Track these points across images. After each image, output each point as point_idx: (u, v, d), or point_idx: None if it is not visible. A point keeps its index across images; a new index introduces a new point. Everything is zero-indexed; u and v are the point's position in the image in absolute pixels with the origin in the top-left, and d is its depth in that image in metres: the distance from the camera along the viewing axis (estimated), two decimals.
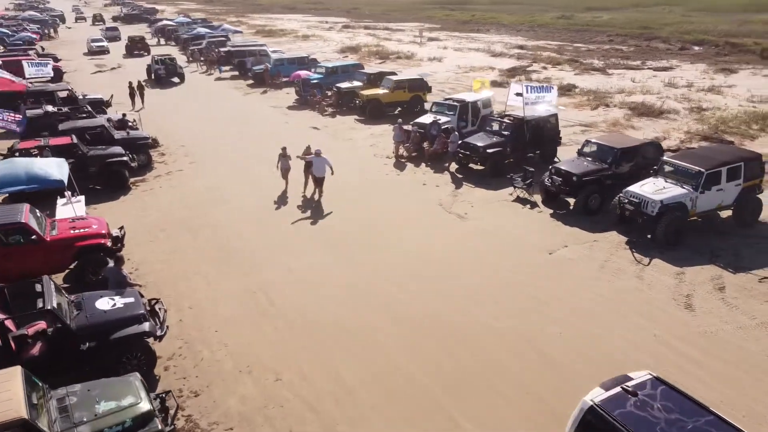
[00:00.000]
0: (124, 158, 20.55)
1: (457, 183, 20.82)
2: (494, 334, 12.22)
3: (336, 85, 32.59)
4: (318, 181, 19.26)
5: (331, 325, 12.64)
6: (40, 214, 14.28)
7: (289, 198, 19.58)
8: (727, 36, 55.72)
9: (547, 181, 18.48)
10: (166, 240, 16.74)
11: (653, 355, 11.42)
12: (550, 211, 18.24)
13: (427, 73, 33.71)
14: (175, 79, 42.16)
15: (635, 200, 16.04)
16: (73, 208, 15.46)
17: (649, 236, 15.99)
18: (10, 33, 59.99)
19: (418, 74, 32.81)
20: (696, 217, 16.31)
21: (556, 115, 22.81)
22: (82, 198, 16.89)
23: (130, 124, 25.23)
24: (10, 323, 10.13)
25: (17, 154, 18.79)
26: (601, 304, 13.18)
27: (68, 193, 15.87)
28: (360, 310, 13.18)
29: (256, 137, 27.01)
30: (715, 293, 13.47)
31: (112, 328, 10.58)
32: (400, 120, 24.41)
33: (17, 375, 8.35)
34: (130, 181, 20.85)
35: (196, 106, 33.93)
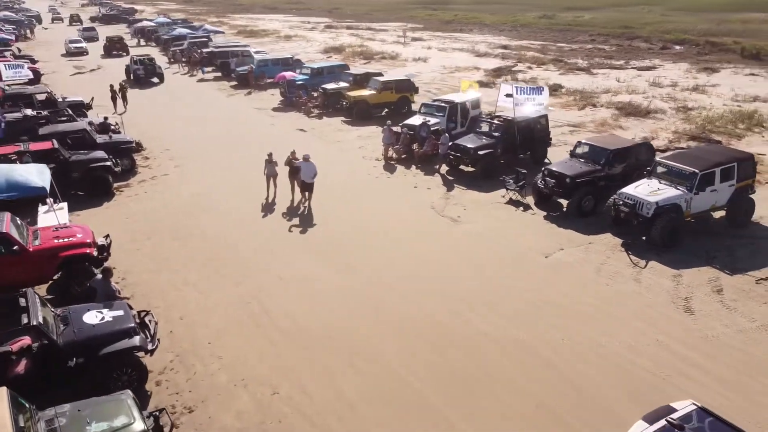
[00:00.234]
0: (108, 163, 19.96)
1: (448, 185, 20.59)
2: (496, 342, 11.98)
3: (322, 86, 32.18)
4: (307, 187, 18.65)
5: (327, 335, 12.30)
6: (22, 222, 13.76)
7: (278, 203, 19.16)
8: (707, 35, 56.35)
9: (540, 182, 18.33)
10: (154, 248, 16.26)
11: (656, 360, 11.27)
12: (544, 213, 18.09)
13: (413, 74, 33.52)
14: (155, 80, 41.78)
15: (630, 202, 15.94)
16: (56, 216, 14.93)
17: (644, 238, 15.90)
18: None
19: (404, 75, 32.57)
20: (690, 218, 16.24)
21: (546, 116, 22.71)
22: (65, 205, 16.35)
23: (113, 127, 24.61)
24: None
25: None
26: (601, 309, 13.01)
27: (50, 200, 15.31)
28: (357, 318, 12.87)
29: (241, 140, 26.54)
30: (713, 296, 13.39)
31: (101, 343, 10.14)
32: (389, 122, 24.12)
33: (2, 397, 7.90)
34: (114, 187, 20.26)
35: (179, 108, 33.30)
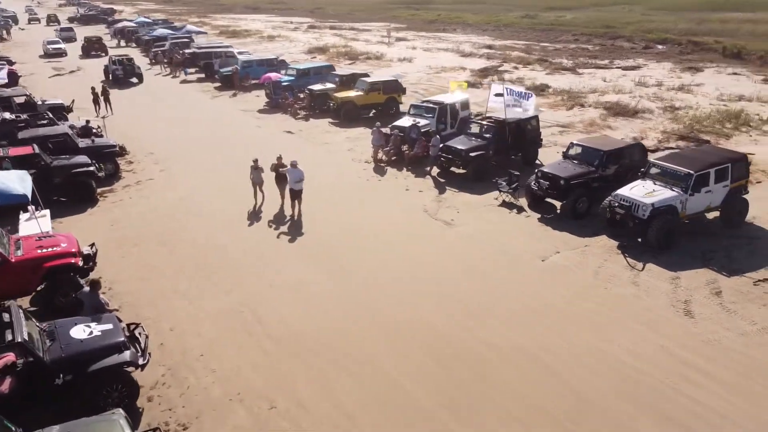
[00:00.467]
0: (91, 168, 19.43)
1: (440, 188, 20.34)
2: (495, 348, 11.74)
3: (308, 88, 31.78)
4: (295, 194, 17.98)
5: (322, 342, 11.98)
6: (3, 231, 13.24)
7: (267, 208, 18.68)
8: (688, 35, 56.85)
9: (534, 184, 18.15)
10: (141, 256, 15.78)
11: (658, 365, 11.11)
12: (538, 216, 17.91)
13: (400, 75, 33.23)
14: (134, 80, 41.32)
15: (626, 204, 15.80)
16: (38, 224, 14.38)
17: (640, 240, 15.79)
18: None
19: (392, 75, 32.26)
20: (685, 219, 16.15)
21: (537, 117, 22.58)
22: (47, 212, 15.76)
23: (95, 131, 24.06)
24: None
25: None
26: (601, 313, 12.84)
27: (32, 208, 14.76)
28: (353, 326, 12.55)
29: (227, 142, 26.06)
30: (712, 298, 13.27)
31: (90, 359, 9.71)
32: (379, 123, 23.81)
33: None
34: (98, 193, 19.72)
35: (162, 110, 32.66)
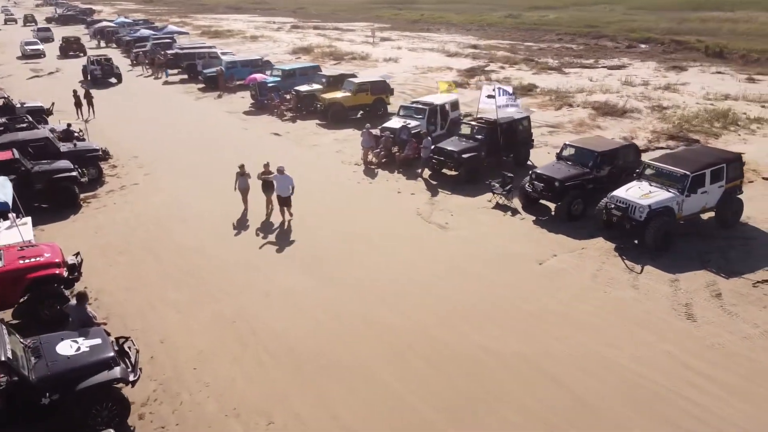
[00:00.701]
0: (73, 173, 18.81)
1: (432, 190, 20.04)
2: (496, 356, 11.48)
3: (295, 89, 31.28)
4: (284, 202, 17.35)
5: (318, 353, 11.64)
6: None
7: (256, 214, 18.11)
8: (670, 34, 57.24)
9: (528, 186, 17.94)
10: (127, 264, 15.28)
11: (664, 372, 10.92)
12: (532, 218, 17.69)
13: (388, 75, 32.87)
14: (112, 80, 40.77)
15: (622, 205, 15.64)
16: (19, 232, 13.83)
17: (636, 242, 15.63)
18: None
19: (380, 76, 31.89)
20: (680, 221, 16.04)
21: (528, 118, 22.40)
22: (29, 220, 15.14)
23: (77, 134, 23.41)
24: None
25: None
26: (602, 318, 12.63)
27: (12, 216, 14.21)
28: (349, 335, 12.21)
29: (214, 145, 25.53)
30: (713, 301, 13.14)
31: (78, 376, 9.25)
32: (368, 125, 23.45)
33: None
34: (81, 198, 19.12)
35: (145, 113, 31.97)
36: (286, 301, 13.53)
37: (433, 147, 20.90)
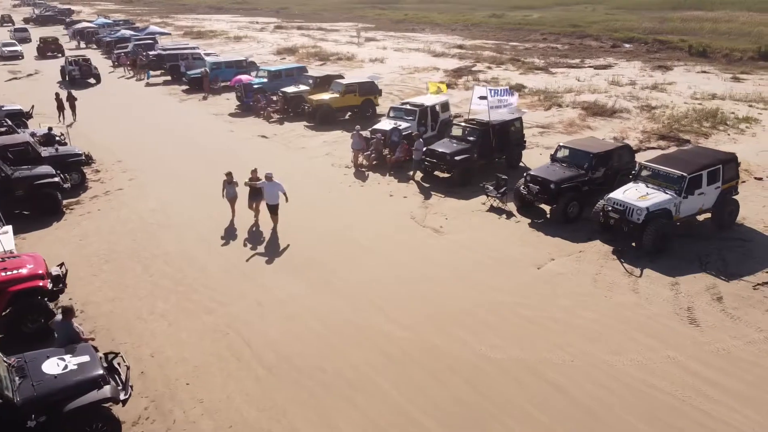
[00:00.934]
0: (55, 179, 18.20)
1: (425, 193, 19.72)
2: (498, 365, 11.20)
3: (281, 90, 30.78)
4: (272, 210, 16.77)
5: (315, 365, 11.26)
6: None
7: (245, 221, 17.56)
8: (653, 33, 57.58)
9: (523, 189, 17.70)
10: (113, 273, 14.75)
11: (670, 379, 10.72)
12: (528, 221, 17.45)
13: (377, 76, 32.49)
14: (91, 80, 40.26)
15: (620, 208, 15.45)
16: (0, 242, 13.29)
17: (634, 244, 15.46)
18: None
19: (368, 77, 31.51)
20: (677, 222, 15.90)
21: (520, 119, 22.18)
22: (10, 228, 14.56)
23: (58, 138, 22.74)
24: None
25: None
26: (604, 323, 12.41)
27: None
28: (346, 346, 11.85)
29: (199, 148, 24.98)
30: (715, 304, 12.97)
31: (66, 396, 8.78)
32: (358, 126, 23.07)
33: None
34: (64, 205, 18.51)
35: (128, 115, 31.23)
36: (279, 310, 13.13)
37: (425, 149, 20.58)
